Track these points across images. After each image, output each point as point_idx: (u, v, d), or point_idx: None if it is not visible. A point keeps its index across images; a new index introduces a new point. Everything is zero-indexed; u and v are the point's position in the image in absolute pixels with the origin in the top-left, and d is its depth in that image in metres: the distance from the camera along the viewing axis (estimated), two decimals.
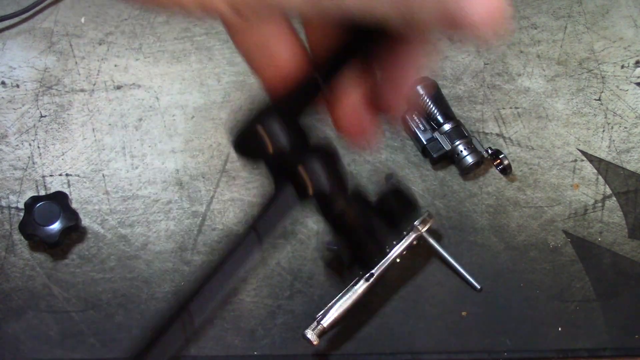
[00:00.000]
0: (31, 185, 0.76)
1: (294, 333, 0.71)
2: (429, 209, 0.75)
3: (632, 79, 0.82)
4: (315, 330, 0.68)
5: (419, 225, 0.71)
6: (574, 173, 0.78)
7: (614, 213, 0.76)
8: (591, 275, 0.74)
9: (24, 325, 0.71)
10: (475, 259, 0.74)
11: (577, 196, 0.77)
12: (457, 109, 0.79)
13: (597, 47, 0.83)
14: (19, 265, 0.73)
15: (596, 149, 0.79)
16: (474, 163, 0.75)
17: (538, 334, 0.72)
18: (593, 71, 0.82)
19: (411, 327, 0.72)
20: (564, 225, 0.76)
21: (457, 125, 0.77)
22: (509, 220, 0.76)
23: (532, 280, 0.74)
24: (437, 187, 0.77)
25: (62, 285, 0.73)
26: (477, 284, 0.73)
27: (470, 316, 0.73)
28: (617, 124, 0.80)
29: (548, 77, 0.82)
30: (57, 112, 0.79)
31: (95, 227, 0.75)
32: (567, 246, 0.75)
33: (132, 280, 0.73)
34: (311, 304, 0.72)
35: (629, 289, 0.74)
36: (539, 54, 0.83)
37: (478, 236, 0.75)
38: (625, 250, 0.75)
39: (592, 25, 0.84)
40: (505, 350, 0.72)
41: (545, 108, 0.80)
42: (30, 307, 0.72)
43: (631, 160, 0.79)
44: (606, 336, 0.72)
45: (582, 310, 0.73)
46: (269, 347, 0.71)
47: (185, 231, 0.75)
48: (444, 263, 0.74)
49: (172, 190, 0.76)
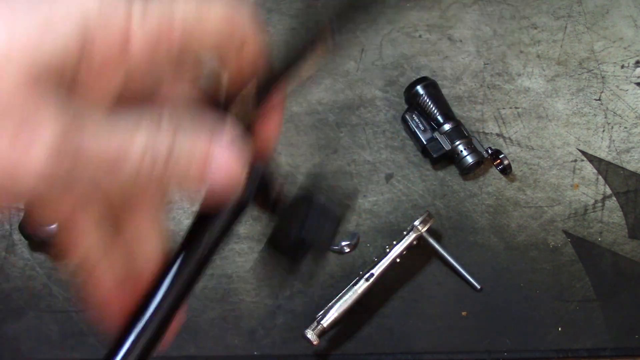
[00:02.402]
0: None
1: (294, 333, 0.71)
2: (429, 209, 0.75)
3: (632, 79, 0.82)
4: (315, 330, 0.68)
5: (419, 225, 0.71)
6: (574, 173, 0.78)
7: (614, 213, 0.76)
8: (591, 275, 0.74)
9: (24, 325, 0.71)
10: (475, 259, 0.74)
11: (577, 196, 0.77)
12: (457, 109, 0.79)
13: (597, 47, 0.83)
14: (19, 265, 0.73)
15: (596, 149, 0.79)
16: (474, 163, 0.75)
17: (538, 334, 0.72)
18: (593, 71, 0.82)
19: (411, 327, 0.72)
20: (564, 225, 0.76)
21: (457, 125, 0.77)
22: (509, 220, 0.76)
23: (532, 280, 0.74)
24: (437, 187, 0.77)
25: (62, 285, 0.73)
26: (477, 284, 0.73)
27: (470, 316, 0.73)
28: (617, 124, 0.80)
29: (548, 77, 0.82)
30: None
31: None
32: (567, 246, 0.75)
33: None
34: (311, 304, 0.72)
35: (629, 289, 0.74)
36: (539, 54, 0.83)
37: (478, 236, 0.75)
38: (625, 250, 0.75)
39: (592, 25, 0.84)
40: (505, 350, 0.72)
41: (545, 108, 0.81)
42: (30, 307, 0.72)
43: (631, 160, 0.79)
44: (606, 336, 0.72)
45: (582, 310, 0.73)
46: (269, 347, 0.71)
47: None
48: (444, 263, 0.74)
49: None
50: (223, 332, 0.72)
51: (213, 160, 0.29)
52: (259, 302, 0.73)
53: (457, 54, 0.82)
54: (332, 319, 0.68)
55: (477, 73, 0.82)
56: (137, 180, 0.27)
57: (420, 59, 0.82)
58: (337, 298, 0.69)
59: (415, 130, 0.77)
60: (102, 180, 0.27)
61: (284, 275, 0.35)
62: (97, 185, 0.27)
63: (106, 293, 0.33)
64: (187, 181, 0.29)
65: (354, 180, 0.77)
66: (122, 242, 0.33)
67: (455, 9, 0.84)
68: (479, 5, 0.84)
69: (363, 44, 0.83)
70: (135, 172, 0.27)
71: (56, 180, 0.25)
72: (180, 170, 0.29)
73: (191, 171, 0.29)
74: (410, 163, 0.78)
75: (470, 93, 0.81)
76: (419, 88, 0.77)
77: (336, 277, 0.73)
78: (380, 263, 0.70)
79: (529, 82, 0.81)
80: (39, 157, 0.24)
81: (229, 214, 0.33)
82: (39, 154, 0.24)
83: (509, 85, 0.81)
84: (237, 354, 0.71)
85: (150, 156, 0.27)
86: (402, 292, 0.73)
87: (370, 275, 0.70)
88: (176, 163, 0.28)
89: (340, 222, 0.34)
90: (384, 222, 0.75)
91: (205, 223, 0.33)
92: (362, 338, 0.72)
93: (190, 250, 0.33)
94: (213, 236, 0.33)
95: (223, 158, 0.29)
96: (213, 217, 0.33)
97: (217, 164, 0.29)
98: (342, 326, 0.71)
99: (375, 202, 0.76)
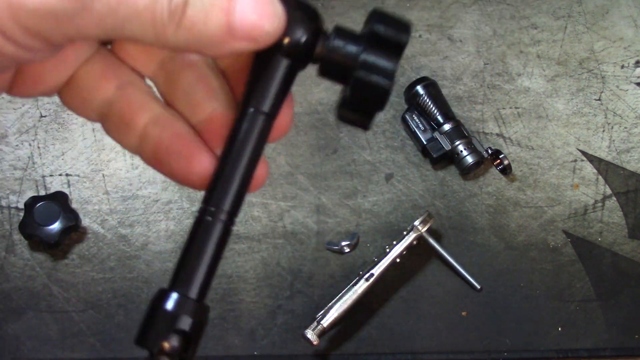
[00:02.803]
0: (31, 185, 0.76)
1: (294, 333, 0.71)
2: (429, 209, 0.75)
3: (632, 79, 0.82)
4: (315, 330, 0.68)
5: (419, 225, 0.71)
6: (574, 173, 0.78)
7: (614, 213, 0.76)
8: (591, 275, 0.74)
9: (24, 325, 0.71)
10: (475, 259, 0.74)
11: (577, 196, 0.77)
12: (457, 109, 0.79)
13: (597, 47, 0.83)
14: (19, 265, 0.73)
15: (596, 149, 0.79)
16: (474, 163, 0.75)
17: (538, 334, 0.72)
18: (593, 71, 0.82)
19: (411, 327, 0.72)
20: (564, 225, 0.76)
21: (457, 125, 0.77)
22: (509, 220, 0.76)
23: (532, 280, 0.74)
24: (437, 187, 0.77)
25: (62, 285, 0.73)
26: (477, 284, 0.73)
27: (470, 316, 0.73)
28: (617, 124, 0.80)
29: (548, 77, 0.82)
30: (57, 112, 0.79)
31: (95, 227, 0.75)
32: (567, 246, 0.75)
33: (132, 280, 0.73)
34: (311, 304, 0.72)
35: (629, 289, 0.74)
36: (539, 54, 0.83)
37: (478, 236, 0.75)
38: (625, 250, 0.75)
39: (592, 25, 0.84)
40: (505, 350, 0.72)
41: (545, 108, 0.81)
42: (30, 307, 0.72)
43: (631, 160, 0.79)
44: (606, 336, 0.72)
45: (582, 310, 0.73)
46: (269, 347, 0.71)
47: (185, 231, 0.75)
48: (444, 263, 0.74)
49: (172, 190, 0.76)
50: (223, 332, 0.72)
51: (236, 21, 0.27)
52: (259, 302, 0.73)
53: (457, 54, 0.82)
54: (332, 319, 0.68)
55: (477, 73, 0.82)
56: (154, 18, 0.26)
57: (420, 59, 0.82)
58: (337, 298, 0.69)
59: (415, 130, 0.77)
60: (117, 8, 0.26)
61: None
62: (113, 12, 0.26)
63: (178, 153, 0.32)
64: (210, 27, 0.27)
65: (354, 181, 0.77)
66: (178, 108, 0.33)
67: (455, 9, 0.84)
68: (479, 5, 0.84)
69: None
70: (149, 17, 0.26)
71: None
72: (199, 13, 0.27)
73: (212, 16, 0.27)
74: (410, 163, 0.78)
75: (470, 93, 0.81)
76: (419, 88, 0.77)
77: (336, 277, 0.73)
78: (380, 263, 0.70)
79: (529, 82, 0.81)
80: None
81: (286, 59, 0.31)
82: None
83: (509, 85, 0.81)
84: (237, 354, 0.71)
85: (164, 3, 0.26)
86: (402, 292, 0.73)
87: (370, 275, 0.70)
88: (196, 20, 0.27)
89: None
90: (384, 222, 0.75)
91: (263, 76, 0.31)
92: (362, 338, 0.72)
93: (255, 105, 0.31)
94: (275, 88, 0.31)
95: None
96: (269, 68, 0.31)
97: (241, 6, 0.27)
98: (342, 326, 0.71)
99: (375, 202, 0.76)
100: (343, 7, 0.83)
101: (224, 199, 0.31)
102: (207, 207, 0.31)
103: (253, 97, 0.31)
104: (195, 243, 0.31)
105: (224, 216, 0.31)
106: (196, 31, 0.27)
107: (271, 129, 0.32)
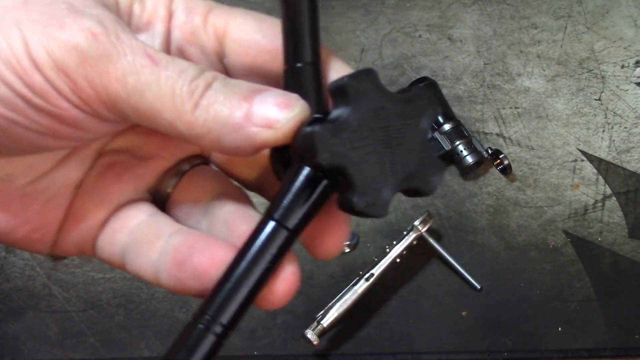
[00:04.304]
0: None
1: (294, 333, 0.71)
2: (429, 209, 0.75)
3: (632, 79, 0.82)
4: (315, 330, 0.68)
5: (419, 225, 0.71)
6: (574, 173, 0.78)
7: (614, 213, 0.77)
8: (591, 275, 0.74)
9: (24, 325, 0.71)
10: (475, 259, 0.74)
11: (577, 196, 0.77)
12: (457, 109, 0.79)
13: (597, 47, 0.83)
14: (19, 265, 0.73)
15: (596, 149, 0.79)
16: (474, 163, 0.75)
17: (538, 334, 0.72)
18: (593, 71, 0.82)
19: (411, 327, 0.72)
20: (564, 225, 0.76)
21: (457, 125, 0.77)
22: (509, 220, 0.76)
23: (532, 280, 0.74)
24: None
25: (62, 285, 0.73)
26: (477, 284, 0.73)
27: (470, 316, 0.73)
28: (617, 124, 0.80)
29: (548, 77, 0.82)
30: None
31: None
32: (567, 246, 0.75)
33: (132, 280, 0.73)
34: (311, 304, 0.72)
35: (629, 289, 0.74)
36: (539, 54, 0.83)
37: (478, 236, 0.75)
38: (625, 250, 0.75)
39: (592, 25, 0.84)
40: (505, 350, 0.72)
41: (545, 108, 0.81)
42: (30, 307, 0.72)
43: (631, 160, 0.79)
44: (606, 336, 0.72)
45: (582, 310, 0.73)
46: (269, 347, 0.71)
47: None
48: (444, 263, 0.74)
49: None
50: None
51: (254, 107, 0.27)
52: None
53: (457, 54, 0.82)
54: (332, 319, 0.68)
55: (477, 73, 0.82)
56: (173, 91, 0.27)
57: (420, 59, 0.82)
58: (337, 298, 0.69)
59: None
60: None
61: None
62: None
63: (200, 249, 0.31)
64: (227, 107, 0.27)
65: None
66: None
67: (455, 9, 0.84)
68: (479, 5, 0.84)
69: (363, 44, 0.83)
70: (169, 89, 0.27)
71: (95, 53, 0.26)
72: (219, 95, 0.27)
73: (231, 98, 0.27)
74: None
75: (470, 93, 0.81)
76: None
77: (336, 277, 0.73)
78: (380, 263, 0.70)
79: (529, 82, 0.81)
80: (76, 32, 0.26)
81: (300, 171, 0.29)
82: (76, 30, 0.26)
83: (509, 85, 0.81)
84: (237, 354, 0.71)
85: (186, 80, 0.27)
86: (402, 292, 0.73)
87: (370, 275, 0.70)
88: (215, 100, 0.27)
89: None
90: (384, 222, 0.75)
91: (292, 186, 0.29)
92: (362, 338, 0.72)
93: (278, 219, 0.29)
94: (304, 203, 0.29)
95: (266, 105, 0.28)
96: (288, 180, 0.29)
97: (260, 113, 0.27)
98: (342, 326, 0.71)
99: None
100: (343, 7, 0.83)
101: (223, 311, 0.30)
102: (203, 314, 0.30)
103: (274, 207, 0.30)
104: (182, 352, 0.29)
105: (218, 328, 0.30)
106: (213, 111, 0.27)
107: (292, 243, 0.30)
